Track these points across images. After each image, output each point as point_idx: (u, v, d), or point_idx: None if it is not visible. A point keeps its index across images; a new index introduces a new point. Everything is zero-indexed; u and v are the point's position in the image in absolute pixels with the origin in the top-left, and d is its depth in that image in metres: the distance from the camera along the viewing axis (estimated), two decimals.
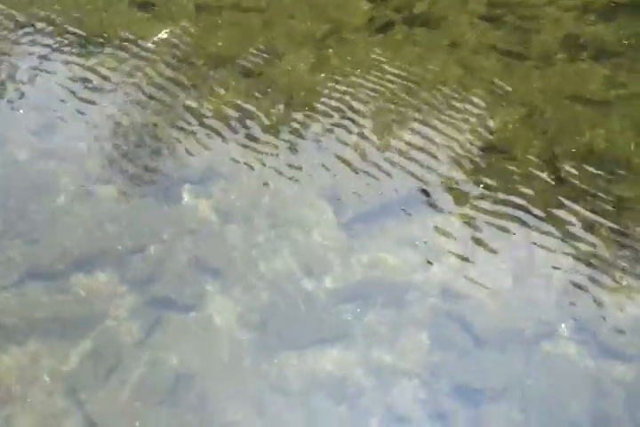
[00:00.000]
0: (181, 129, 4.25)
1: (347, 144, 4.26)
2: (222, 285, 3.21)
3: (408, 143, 4.30)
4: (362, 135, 4.37)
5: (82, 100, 4.42)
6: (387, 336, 3.06)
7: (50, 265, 3.17)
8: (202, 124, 4.28)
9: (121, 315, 2.95)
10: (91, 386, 2.64)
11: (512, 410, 2.78)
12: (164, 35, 5.11)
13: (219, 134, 4.22)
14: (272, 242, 3.48)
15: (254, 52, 5.22)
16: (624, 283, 3.33)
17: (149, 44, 5.02)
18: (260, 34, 5.45)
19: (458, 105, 4.76)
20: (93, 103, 4.40)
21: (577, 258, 3.48)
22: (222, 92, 4.61)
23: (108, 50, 4.94)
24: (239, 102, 4.61)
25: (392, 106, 4.69)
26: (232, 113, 4.44)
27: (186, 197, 3.70)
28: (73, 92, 4.48)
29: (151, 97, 4.52)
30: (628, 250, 3.54)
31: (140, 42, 5.04)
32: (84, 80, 4.62)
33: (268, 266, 3.34)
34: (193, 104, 4.47)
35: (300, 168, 4.03)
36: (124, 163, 3.92)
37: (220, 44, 5.14)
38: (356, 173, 4.01)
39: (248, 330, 3.02)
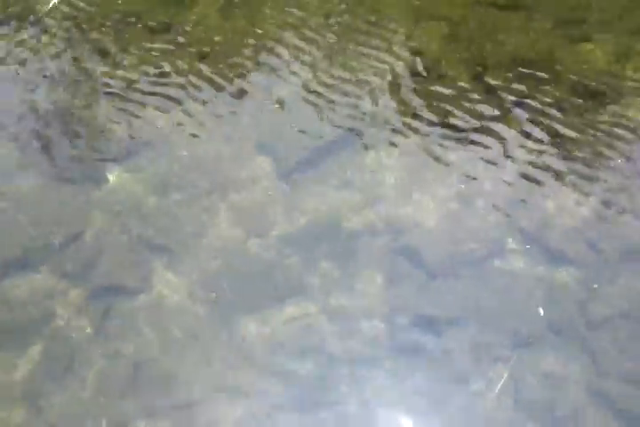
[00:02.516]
0: (96, 101, 3.86)
1: (272, 91, 3.93)
2: (168, 260, 3.00)
3: (333, 80, 3.99)
4: (285, 79, 4.04)
5: None
6: (342, 281, 2.93)
7: None
8: (117, 93, 3.89)
9: (67, 312, 2.74)
10: (48, 390, 2.48)
11: (472, 332, 2.71)
12: (55, 1, 4.55)
13: (136, 101, 3.85)
14: (214, 207, 3.25)
15: (158, 4, 4.72)
16: (565, 189, 3.20)
17: (43, 15, 4.48)
18: None
19: (377, 30, 4.41)
20: None
21: (517, 170, 3.33)
22: (133, 53, 4.17)
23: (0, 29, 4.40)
24: (153, 62, 4.20)
25: (311, 43, 4.32)
26: (147, 75, 4.05)
27: (114, 175, 3.40)
28: None
29: (58, 71, 4.07)
30: (565, 156, 3.39)
31: (32, 13, 4.49)
32: None
33: (214, 232, 3.13)
34: (104, 72, 4.04)
35: (229, 125, 3.72)
36: (41, 148, 3.56)
37: (119, 1, 4.61)
38: (288, 120, 3.73)
39: (202, 302, 2.85)
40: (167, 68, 4.13)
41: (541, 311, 2.66)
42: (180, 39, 4.35)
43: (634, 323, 2.72)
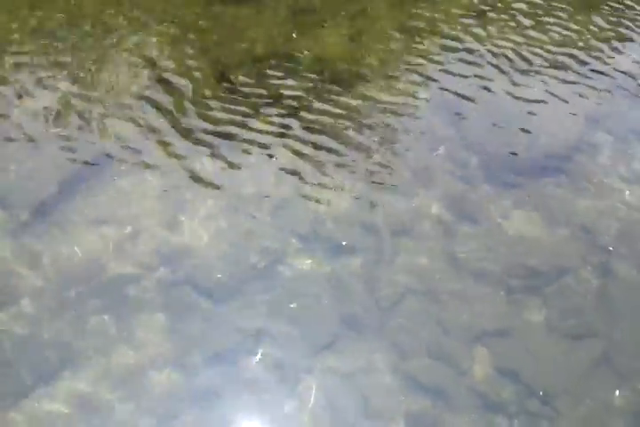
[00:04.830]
0: None
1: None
2: None
3: (68, 101, 3.41)
4: (12, 103, 3.34)
5: None
6: (120, 337, 2.49)
7: None
8: None
9: None
10: None
11: (270, 351, 2.48)
12: None
13: None
14: None
15: None
16: (327, 180, 3.12)
17: None
18: None
19: (104, 41, 3.90)
20: None
21: (276, 170, 3.16)
22: None
23: None
24: None
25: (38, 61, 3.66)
26: None
27: None
28: None
29: None
30: (317, 148, 3.30)
31: None
32: None
33: None
34: None
35: None
36: None
37: None
38: (15, 158, 3.08)
39: None
40: None
41: None
42: None
43: (419, 296, 2.74)
